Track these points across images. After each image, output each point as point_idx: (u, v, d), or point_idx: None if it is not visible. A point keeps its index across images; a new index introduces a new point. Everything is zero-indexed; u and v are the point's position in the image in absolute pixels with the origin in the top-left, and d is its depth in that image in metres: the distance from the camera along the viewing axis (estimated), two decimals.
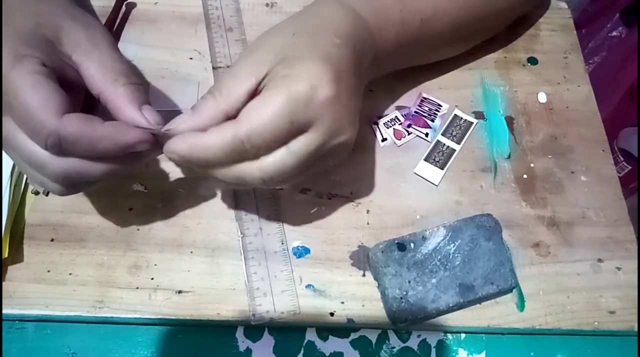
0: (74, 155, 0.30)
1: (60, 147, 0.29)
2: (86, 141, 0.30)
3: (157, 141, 0.32)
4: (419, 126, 0.46)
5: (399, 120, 0.46)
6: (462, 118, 0.47)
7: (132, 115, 0.32)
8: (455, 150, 0.45)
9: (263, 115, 0.31)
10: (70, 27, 0.33)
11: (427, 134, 0.46)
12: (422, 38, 0.42)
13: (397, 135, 0.45)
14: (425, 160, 0.45)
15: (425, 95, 0.48)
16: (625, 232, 0.44)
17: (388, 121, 0.46)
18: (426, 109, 0.47)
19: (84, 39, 0.33)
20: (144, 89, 0.33)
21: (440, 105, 0.47)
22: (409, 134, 0.45)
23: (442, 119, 0.47)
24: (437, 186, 0.44)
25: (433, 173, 0.44)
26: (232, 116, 0.32)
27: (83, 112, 0.31)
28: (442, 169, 0.44)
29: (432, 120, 0.46)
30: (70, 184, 0.32)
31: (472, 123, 0.47)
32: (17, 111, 0.29)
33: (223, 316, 0.38)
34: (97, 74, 0.32)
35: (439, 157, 0.45)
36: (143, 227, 0.40)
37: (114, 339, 0.38)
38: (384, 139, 0.45)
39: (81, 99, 0.35)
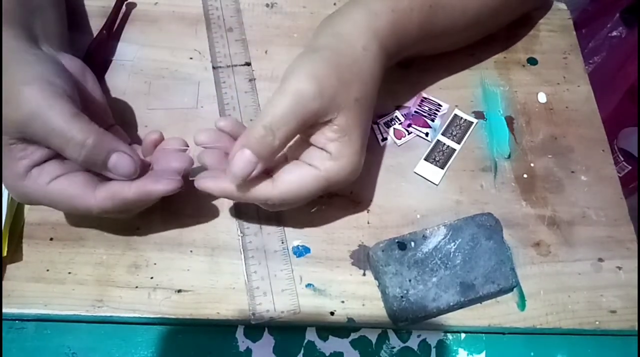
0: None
1: (105, 213, 0.35)
2: (120, 205, 0.34)
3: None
4: (419, 126, 0.46)
5: (399, 120, 0.46)
6: (462, 118, 0.47)
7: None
8: (455, 149, 0.45)
9: (294, 189, 0.35)
10: (37, 117, 0.31)
11: (427, 134, 0.46)
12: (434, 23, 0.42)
13: (397, 134, 0.45)
14: (426, 159, 0.45)
15: (425, 95, 0.48)
16: (626, 231, 0.44)
17: (388, 121, 0.46)
18: (426, 108, 0.47)
19: (49, 129, 0.32)
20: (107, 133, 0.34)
21: (440, 105, 0.47)
22: (409, 133, 0.45)
23: (442, 118, 0.47)
24: (437, 185, 0.44)
25: (433, 173, 0.44)
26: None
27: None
28: (442, 168, 0.44)
29: (432, 120, 0.46)
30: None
31: (472, 123, 0.47)
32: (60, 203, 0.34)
33: (223, 315, 0.38)
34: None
35: (439, 156, 0.45)
36: (142, 226, 0.40)
37: (114, 339, 0.38)
38: (384, 139, 0.45)
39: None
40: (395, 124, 0.46)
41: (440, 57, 0.50)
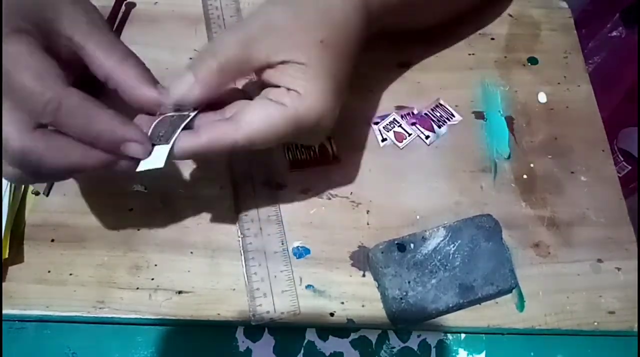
0: (64, 130, 0.29)
1: (56, 114, 0.28)
2: (85, 117, 0.28)
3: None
4: (423, 127, 0.46)
5: (398, 122, 0.46)
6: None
7: (150, 93, 0.31)
8: None
9: (262, 129, 0.32)
10: (70, 9, 0.31)
11: (427, 137, 0.45)
12: None
13: (399, 137, 0.45)
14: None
15: (442, 102, 0.47)
16: (625, 232, 0.44)
17: (387, 124, 0.46)
18: (438, 114, 0.47)
19: (85, 21, 0.32)
20: (149, 72, 0.33)
21: (454, 116, 0.47)
22: (409, 135, 0.45)
23: (450, 128, 0.46)
24: None
25: None
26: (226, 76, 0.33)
27: None
28: None
29: (439, 126, 0.46)
30: (29, 171, 0.29)
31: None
32: (14, 77, 0.28)
33: (223, 317, 0.38)
34: (104, 55, 0.31)
35: None
36: (143, 227, 0.40)
37: (114, 339, 0.38)
38: (384, 139, 0.45)
39: None
40: (395, 126, 0.46)
41: (440, 56, 0.50)
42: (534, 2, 0.54)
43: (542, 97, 0.49)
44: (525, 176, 0.45)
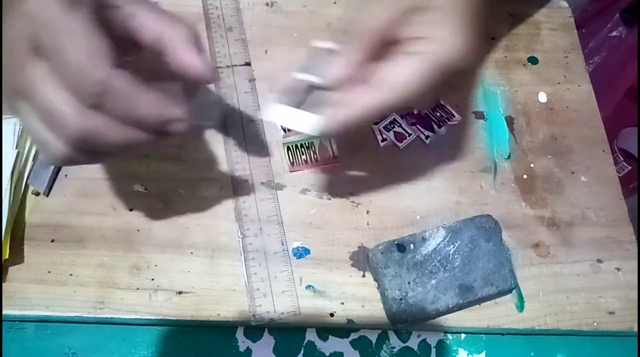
0: (110, 113, 0.28)
1: (102, 98, 0.28)
2: (129, 101, 0.28)
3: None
4: (423, 127, 0.46)
5: (398, 122, 0.46)
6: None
7: (192, 58, 0.31)
8: None
9: (411, 83, 0.32)
10: None
11: (427, 137, 0.45)
12: None
13: (399, 138, 0.45)
14: None
15: (442, 102, 0.47)
16: (625, 232, 0.44)
17: (387, 124, 0.46)
18: (438, 114, 0.46)
19: None
20: (198, 36, 0.33)
21: (454, 116, 0.47)
22: (409, 135, 0.45)
23: (450, 128, 0.46)
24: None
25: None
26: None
27: None
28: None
29: (439, 126, 0.46)
30: (81, 149, 0.29)
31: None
32: (67, 55, 0.27)
33: (223, 317, 0.38)
34: (154, 17, 0.31)
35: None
36: (143, 227, 0.40)
37: (114, 339, 0.38)
38: (384, 140, 0.45)
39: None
40: (395, 127, 0.46)
41: None
42: (534, 2, 0.54)
43: (542, 97, 0.49)
44: (525, 176, 0.45)
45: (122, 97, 0.28)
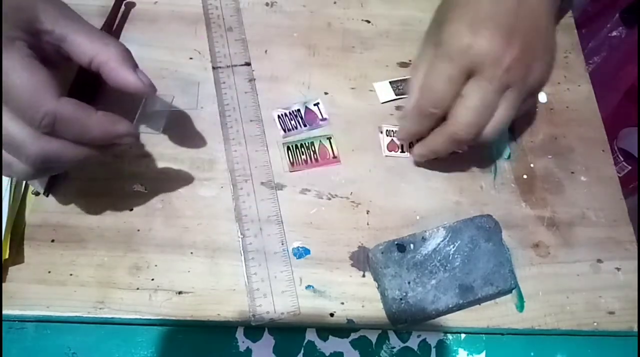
0: (63, 137, 0.31)
1: (53, 127, 0.30)
2: (79, 125, 0.31)
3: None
4: None
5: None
6: None
7: (127, 77, 0.34)
8: None
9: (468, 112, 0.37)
10: (46, 5, 0.33)
11: None
12: None
13: (390, 147, 0.45)
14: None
15: None
16: (625, 232, 0.44)
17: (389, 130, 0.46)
18: None
19: (60, 15, 0.33)
20: (130, 53, 0.35)
21: None
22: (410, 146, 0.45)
23: None
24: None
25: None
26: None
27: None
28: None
29: None
30: (41, 168, 0.32)
31: None
32: (13, 91, 0.30)
33: (223, 317, 0.38)
34: (86, 40, 0.33)
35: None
36: (143, 227, 0.40)
37: (114, 339, 0.38)
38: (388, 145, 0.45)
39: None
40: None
41: None
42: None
43: (542, 97, 0.49)
44: (525, 176, 0.45)
45: (71, 123, 0.31)
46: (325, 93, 0.47)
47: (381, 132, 0.45)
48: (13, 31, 0.31)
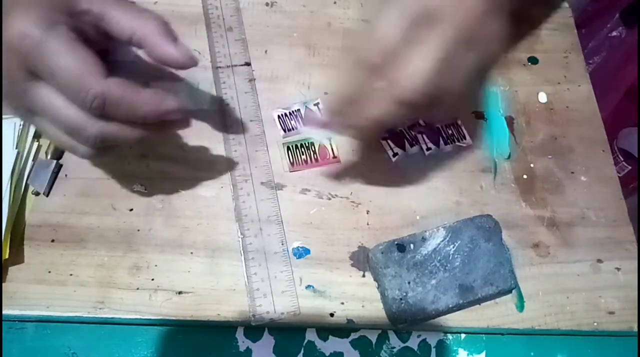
0: (114, 118, 0.32)
1: (104, 109, 0.31)
2: (128, 104, 0.31)
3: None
4: (429, 138, 0.45)
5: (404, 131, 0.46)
6: None
7: (169, 50, 0.34)
8: None
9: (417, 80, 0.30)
10: None
11: (429, 149, 0.45)
12: None
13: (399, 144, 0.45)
14: None
15: (459, 122, 0.46)
16: (625, 232, 0.44)
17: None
18: (449, 132, 0.46)
19: None
20: (169, 26, 0.35)
21: (465, 138, 0.46)
22: (412, 146, 0.45)
23: (455, 147, 0.46)
24: None
25: None
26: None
27: None
28: None
29: (445, 144, 0.45)
30: (100, 148, 0.33)
31: None
32: (61, 76, 0.30)
33: (223, 317, 0.38)
34: (124, 16, 0.33)
35: None
36: (143, 227, 0.40)
37: (114, 339, 0.38)
38: (395, 154, 0.45)
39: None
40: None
41: None
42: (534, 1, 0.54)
43: (542, 97, 0.49)
44: (525, 176, 0.45)
45: (121, 103, 0.31)
46: (325, 93, 0.47)
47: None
48: (54, 14, 0.31)
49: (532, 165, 0.46)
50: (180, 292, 0.38)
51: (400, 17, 0.31)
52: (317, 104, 0.46)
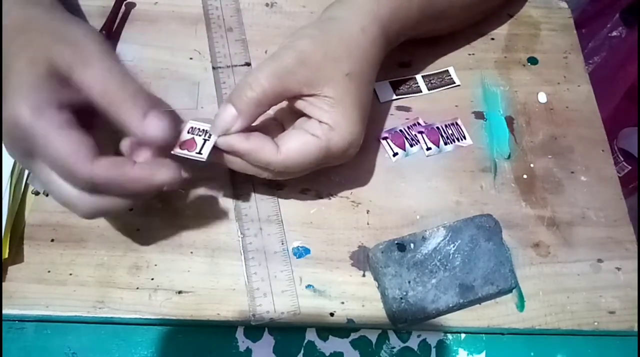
0: (108, 195, 0.32)
1: (95, 189, 0.31)
2: (118, 184, 0.31)
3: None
4: (429, 138, 0.45)
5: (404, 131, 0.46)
6: (450, 76, 0.49)
7: (145, 128, 0.31)
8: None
9: (298, 156, 0.36)
10: (62, 48, 0.31)
11: (429, 148, 0.45)
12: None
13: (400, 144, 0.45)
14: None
15: (459, 122, 0.47)
16: (625, 232, 0.44)
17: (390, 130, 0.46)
18: (449, 132, 0.46)
19: (77, 57, 0.31)
20: (145, 92, 0.33)
21: (465, 138, 0.46)
22: (411, 146, 0.45)
23: (455, 147, 0.46)
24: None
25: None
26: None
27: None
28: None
29: (445, 144, 0.45)
30: (97, 214, 0.34)
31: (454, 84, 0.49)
32: (50, 161, 0.31)
33: (223, 317, 0.38)
34: (99, 92, 0.31)
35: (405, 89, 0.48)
36: (143, 227, 0.40)
37: (114, 339, 0.38)
38: (395, 154, 0.45)
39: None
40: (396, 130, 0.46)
41: (440, 56, 0.50)
42: (534, 2, 0.54)
43: (542, 97, 0.49)
44: (525, 176, 0.45)
45: (110, 183, 0.31)
46: None
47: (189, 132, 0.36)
48: (36, 95, 0.30)
49: (532, 165, 0.46)
50: (180, 292, 0.38)
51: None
52: None
